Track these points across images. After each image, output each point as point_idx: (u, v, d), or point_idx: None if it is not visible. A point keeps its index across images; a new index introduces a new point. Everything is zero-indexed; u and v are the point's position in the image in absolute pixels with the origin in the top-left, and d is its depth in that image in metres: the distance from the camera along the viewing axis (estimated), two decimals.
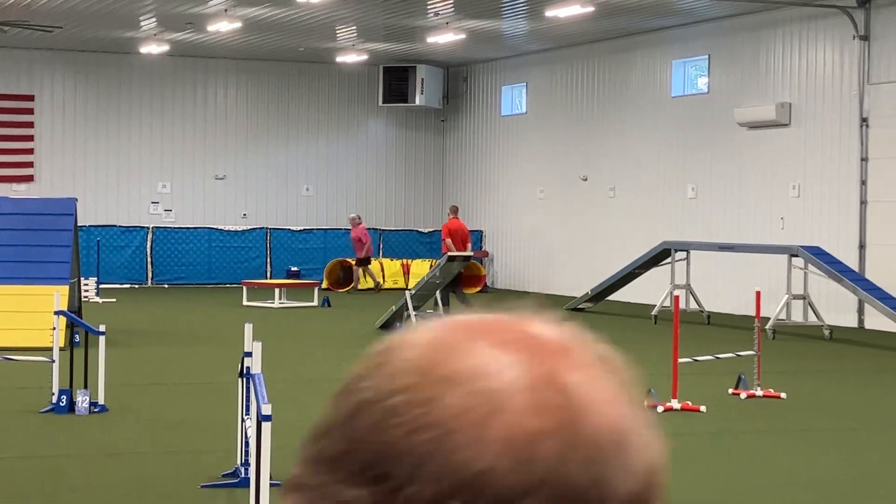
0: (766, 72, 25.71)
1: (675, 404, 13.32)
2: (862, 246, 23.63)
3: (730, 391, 14.57)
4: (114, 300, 27.99)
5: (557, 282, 31.30)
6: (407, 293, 21.53)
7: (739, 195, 26.25)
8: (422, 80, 34.48)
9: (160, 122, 34.14)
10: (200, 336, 21.03)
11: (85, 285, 26.16)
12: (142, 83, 33.88)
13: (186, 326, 22.79)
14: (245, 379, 9.63)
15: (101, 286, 29.34)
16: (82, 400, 12.84)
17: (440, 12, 26.79)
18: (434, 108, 35.56)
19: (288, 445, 11.82)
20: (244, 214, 34.68)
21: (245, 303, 27.58)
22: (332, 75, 35.15)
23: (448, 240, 24.52)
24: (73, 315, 15.81)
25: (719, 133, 26.74)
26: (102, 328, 12.97)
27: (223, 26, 27.99)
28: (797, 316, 22.37)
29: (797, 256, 22.00)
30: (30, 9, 26.30)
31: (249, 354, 8.98)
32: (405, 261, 33.22)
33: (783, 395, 14.45)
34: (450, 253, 22.52)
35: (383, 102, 35.04)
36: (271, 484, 7.94)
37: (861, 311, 23.35)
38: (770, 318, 21.20)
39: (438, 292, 21.68)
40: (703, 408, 13.38)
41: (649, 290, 25.57)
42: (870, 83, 23.40)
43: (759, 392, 14.41)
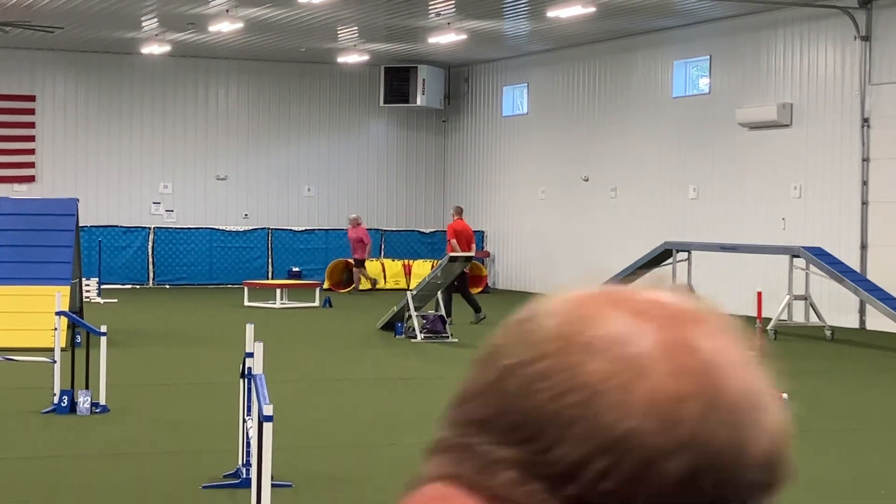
0: (768, 72, 25.72)
1: None
2: (863, 246, 23.63)
3: None
4: (115, 301, 28.00)
5: (559, 282, 31.20)
6: (408, 294, 21.52)
7: (741, 196, 26.25)
8: (423, 81, 34.49)
9: (161, 123, 34.15)
10: (202, 336, 21.04)
11: (86, 286, 26.16)
12: (143, 83, 33.89)
13: (188, 327, 22.80)
14: (246, 379, 9.64)
15: (103, 286, 29.35)
16: (84, 400, 12.84)
17: (441, 13, 26.80)
18: (435, 109, 35.56)
19: (289, 446, 11.85)
20: (245, 215, 34.69)
21: (246, 303, 27.59)
22: (334, 76, 35.16)
23: (453, 240, 24.51)
24: (75, 315, 15.81)
25: (720, 133, 26.74)
26: (104, 329, 12.98)
27: (224, 27, 28.00)
28: (798, 316, 22.37)
29: (798, 257, 22.00)
30: (31, 9, 26.31)
31: (251, 355, 8.99)
32: (406, 261, 33.23)
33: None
34: (451, 254, 22.51)
35: (384, 103, 35.05)
36: (273, 484, 7.95)
37: (862, 312, 23.35)
38: (771, 319, 21.21)
39: (440, 293, 21.67)
40: None
41: None
42: (871, 84, 23.40)
43: None
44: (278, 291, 27.93)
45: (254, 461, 8.14)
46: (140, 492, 9.63)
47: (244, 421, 9.80)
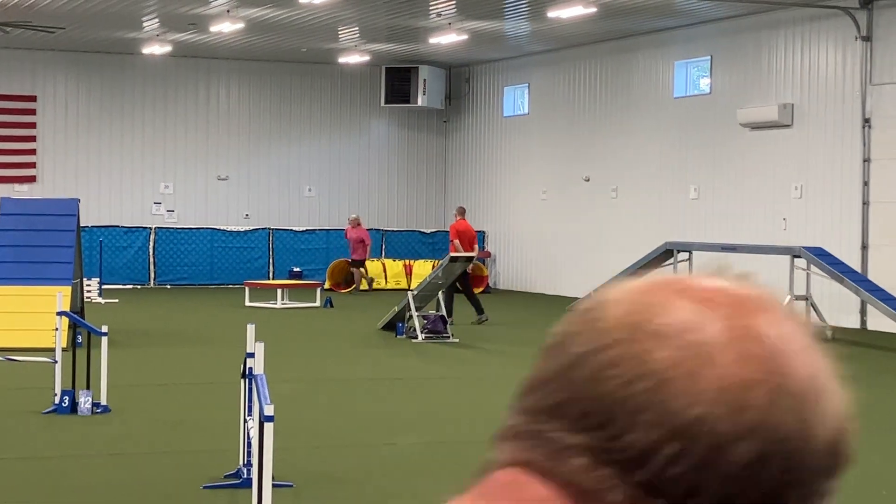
0: (769, 73, 25.71)
1: None
2: (864, 247, 23.63)
3: None
4: (116, 301, 28.00)
5: (560, 282, 31.31)
6: (409, 294, 21.53)
7: (742, 196, 26.25)
8: (424, 81, 34.49)
9: (163, 123, 34.16)
10: (203, 337, 21.04)
11: (87, 286, 26.16)
12: (144, 84, 33.89)
13: (189, 327, 22.81)
14: (247, 379, 9.64)
15: (104, 287, 29.35)
16: (85, 400, 12.85)
17: (442, 13, 26.80)
18: (436, 109, 35.56)
19: (290, 446, 11.84)
20: (246, 215, 34.69)
21: (247, 303, 27.59)
22: (335, 76, 35.16)
23: (456, 241, 24.52)
24: (76, 316, 15.82)
25: (721, 134, 26.74)
26: (105, 329, 12.98)
27: (226, 27, 28.01)
28: None
29: (799, 257, 22.00)
30: (32, 9, 26.32)
31: (252, 355, 8.99)
32: (407, 261, 33.23)
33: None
34: (452, 254, 22.51)
35: (385, 103, 35.05)
36: (273, 484, 7.95)
37: (863, 312, 23.34)
38: None
39: (441, 293, 21.66)
40: None
41: None
42: (872, 84, 23.40)
43: None
44: (279, 291, 27.93)
45: (254, 461, 8.14)
46: (141, 492, 9.63)
47: (245, 421, 9.81)
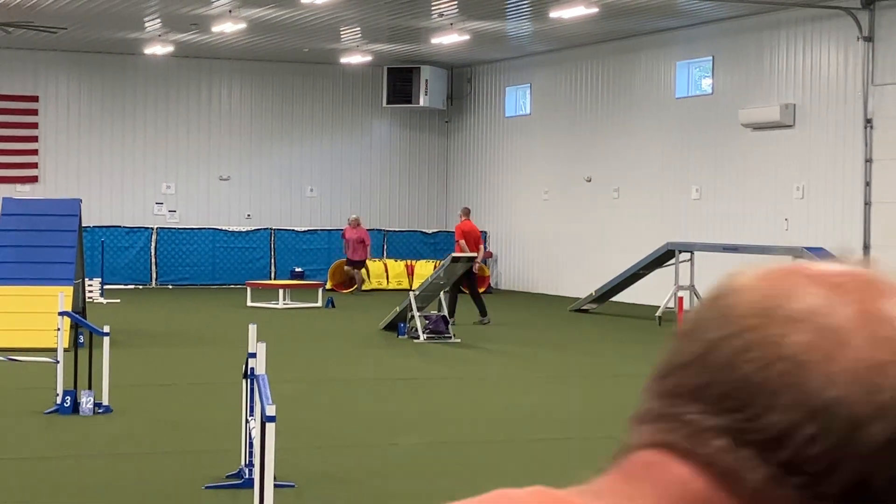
0: (771, 73, 25.71)
1: None
2: (866, 247, 23.61)
3: None
4: (118, 301, 28.01)
5: (561, 282, 31.31)
6: (411, 294, 21.53)
7: (743, 196, 26.24)
8: (426, 81, 34.49)
9: (164, 123, 34.16)
10: (204, 337, 21.05)
11: (89, 286, 26.17)
12: (146, 84, 33.90)
13: (191, 327, 22.81)
14: (249, 380, 9.64)
15: (106, 287, 29.36)
16: (86, 401, 12.85)
17: (444, 13, 26.80)
18: (438, 109, 35.56)
19: (292, 446, 11.83)
20: (248, 215, 34.70)
21: (249, 303, 27.60)
22: (337, 76, 35.16)
23: (462, 241, 24.54)
24: (78, 316, 15.82)
25: (723, 134, 26.74)
26: (107, 329, 12.98)
27: (227, 27, 28.01)
28: None
29: (801, 258, 21.95)
30: (34, 10, 26.33)
31: (254, 355, 8.99)
32: (409, 262, 33.24)
33: None
34: (453, 254, 22.51)
35: (387, 103, 35.06)
36: (275, 485, 7.95)
37: None
38: None
39: (443, 293, 21.66)
40: None
41: (653, 292, 25.57)
42: (874, 84, 23.40)
43: None
44: (281, 292, 27.93)
45: (256, 461, 8.14)
46: (142, 492, 9.63)
47: (247, 421, 9.80)
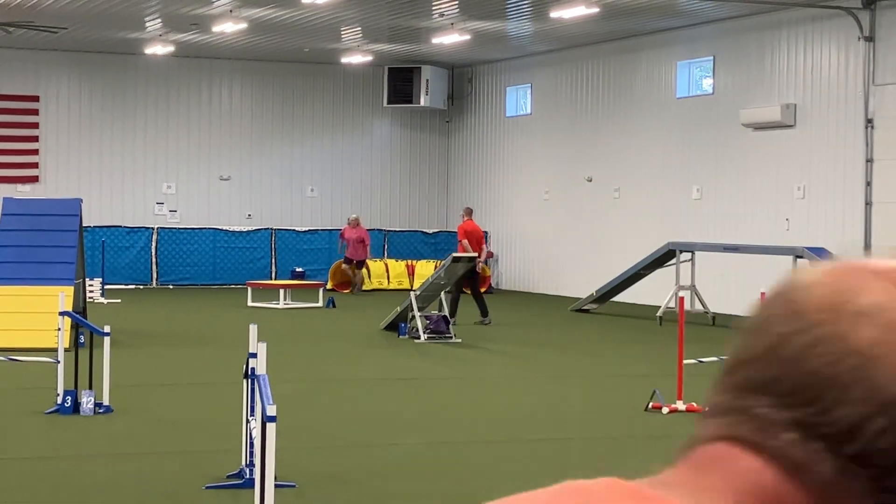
0: (771, 73, 25.70)
1: (681, 406, 13.32)
2: (867, 247, 23.60)
3: None
4: (119, 301, 28.01)
5: (562, 283, 31.30)
6: (412, 294, 21.53)
7: (744, 196, 26.24)
8: (426, 81, 34.49)
9: (165, 123, 34.17)
10: (205, 337, 21.05)
11: (90, 286, 26.18)
12: (147, 84, 33.90)
13: (191, 327, 22.81)
14: (250, 380, 9.64)
15: (106, 287, 29.37)
16: (87, 401, 12.85)
17: (445, 13, 26.80)
18: (439, 109, 35.56)
19: (292, 446, 11.82)
20: (249, 215, 34.70)
21: (250, 303, 27.60)
22: (337, 76, 35.17)
23: (465, 241, 24.54)
24: (78, 316, 15.82)
25: (724, 134, 26.73)
26: (107, 329, 12.98)
27: (228, 27, 28.01)
28: None
29: (802, 258, 21.99)
30: (35, 10, 26.33)
31: (254, 355, 8.99)
32: (410, 262, 33.24)
33: None
34: (454, 254, 22.51)
35: (388, 103, 35.06)
36: (276, 485, 7.94)
37: None
38: None
39: (444, 293, 21.65)
40: None
41: (654, 291, 25.56)
42: (875, 84, 23.39)
43: None
44: (282, 292, 27.93)
45: (257, 461, 8.14)
46: (143, 492, 9.63)
47: (247, 421, 9.80)
